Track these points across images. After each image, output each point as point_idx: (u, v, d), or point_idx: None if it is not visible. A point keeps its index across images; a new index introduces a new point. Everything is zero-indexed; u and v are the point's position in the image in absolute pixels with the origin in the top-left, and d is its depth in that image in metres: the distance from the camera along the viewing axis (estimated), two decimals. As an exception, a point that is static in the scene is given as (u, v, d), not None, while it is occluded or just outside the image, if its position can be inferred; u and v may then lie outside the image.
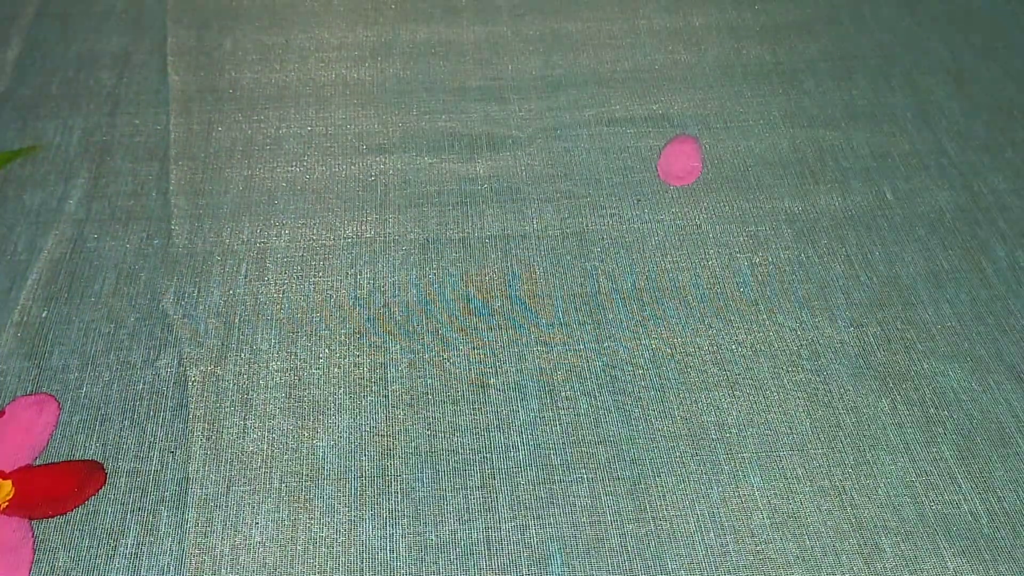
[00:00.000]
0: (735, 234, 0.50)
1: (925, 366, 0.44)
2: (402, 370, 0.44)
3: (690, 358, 0.45)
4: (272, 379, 0.43)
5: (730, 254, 0.49)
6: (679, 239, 0.49)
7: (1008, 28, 0.62)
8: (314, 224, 0.50)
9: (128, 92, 0.56)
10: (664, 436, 0.42)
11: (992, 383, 0.44)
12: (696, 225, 0.50)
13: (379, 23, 0.61)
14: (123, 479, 0.40)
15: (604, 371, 0.44)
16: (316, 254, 0.48)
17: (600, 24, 0.62)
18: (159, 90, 0.56)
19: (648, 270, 0.48)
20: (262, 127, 0.54)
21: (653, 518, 0.39)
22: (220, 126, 0.54)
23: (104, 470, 0.40)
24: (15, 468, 0.40)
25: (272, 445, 0.41)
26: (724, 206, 0.51)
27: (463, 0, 0.63)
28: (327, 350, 0.44)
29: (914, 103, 0.57)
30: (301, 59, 0.59)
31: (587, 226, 0.50)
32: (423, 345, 0.45)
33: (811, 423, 0.42)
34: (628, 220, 0.50)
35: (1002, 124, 0.55)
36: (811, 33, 0.61)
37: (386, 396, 0.43)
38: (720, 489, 0.40)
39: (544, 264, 0.48)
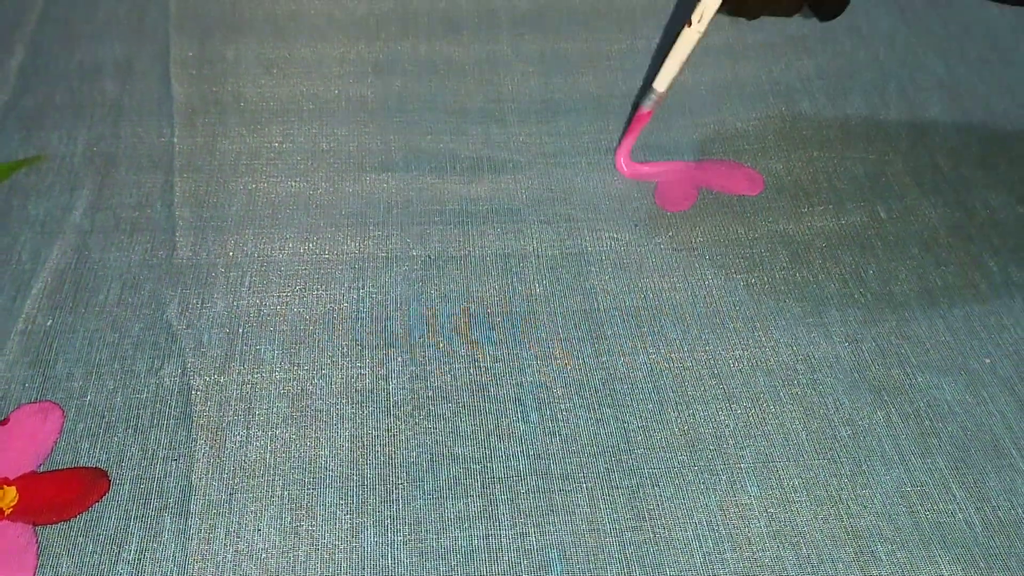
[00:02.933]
0: (731, 256, 0.50)
1: (919, 379, 0.45)
2: (403, 382, 0.44)
3: (687, 372, 0.45)
4: (275, 389, 0.44)
5: (726, 275, 0.49)
6: (676, 260, 0.50)
7: (1003, 42, 0.63)
8: (317, 238, 0.50)
9: (131, 102, 0.56)
10: (662, 447, 0.42)
11: (986, 396, 0.44)
12: (692, 247, 0.51)
13: (381, 38, 0.62)
14: (126, 486, 0.40)
15: (603, 385, 0.44)
16: (319, 268, 0.49)
17: (599, 44, 0.62)
18: (163, 101, 0.56)
19: (646, 290, 0.48)
20: (266, 140, 0.55)
21: (651, 526, 0.40)
22: (224, 138, 0.55)
23: (108, 477, 0.40)
24: (19, 475, 0.40)
25: (275, 454, 0.41)
26: (720, 229, 0.52)
27: (464, 17, 0.64)
28: (329, 361, 0.45)
29: (908, 120, 0.58)
30: (304, 73, 0.59)
31: (585, 247, 0.50)
32: (424, 358, 0.45)
33: (807, 435, 0.43)
34: (626, 243, 0.51)
35: (996, 139, 0.56)
36: (807, 51, 0.62)
37: (388, 407, 0.43)
38: (718, 498, 0.41)
39: (543, 282, 0.49)
